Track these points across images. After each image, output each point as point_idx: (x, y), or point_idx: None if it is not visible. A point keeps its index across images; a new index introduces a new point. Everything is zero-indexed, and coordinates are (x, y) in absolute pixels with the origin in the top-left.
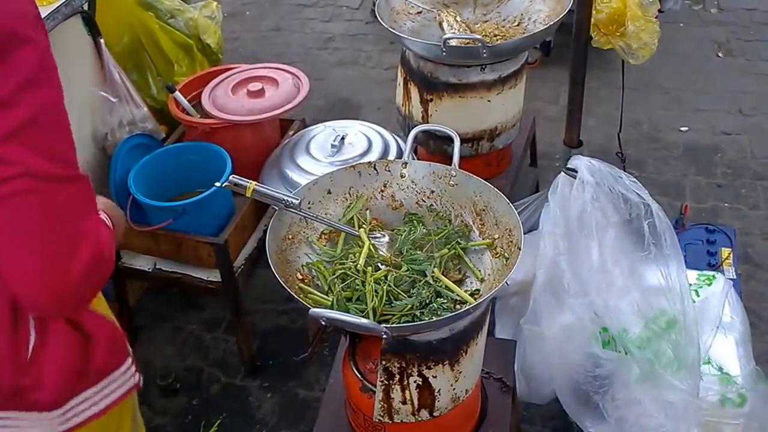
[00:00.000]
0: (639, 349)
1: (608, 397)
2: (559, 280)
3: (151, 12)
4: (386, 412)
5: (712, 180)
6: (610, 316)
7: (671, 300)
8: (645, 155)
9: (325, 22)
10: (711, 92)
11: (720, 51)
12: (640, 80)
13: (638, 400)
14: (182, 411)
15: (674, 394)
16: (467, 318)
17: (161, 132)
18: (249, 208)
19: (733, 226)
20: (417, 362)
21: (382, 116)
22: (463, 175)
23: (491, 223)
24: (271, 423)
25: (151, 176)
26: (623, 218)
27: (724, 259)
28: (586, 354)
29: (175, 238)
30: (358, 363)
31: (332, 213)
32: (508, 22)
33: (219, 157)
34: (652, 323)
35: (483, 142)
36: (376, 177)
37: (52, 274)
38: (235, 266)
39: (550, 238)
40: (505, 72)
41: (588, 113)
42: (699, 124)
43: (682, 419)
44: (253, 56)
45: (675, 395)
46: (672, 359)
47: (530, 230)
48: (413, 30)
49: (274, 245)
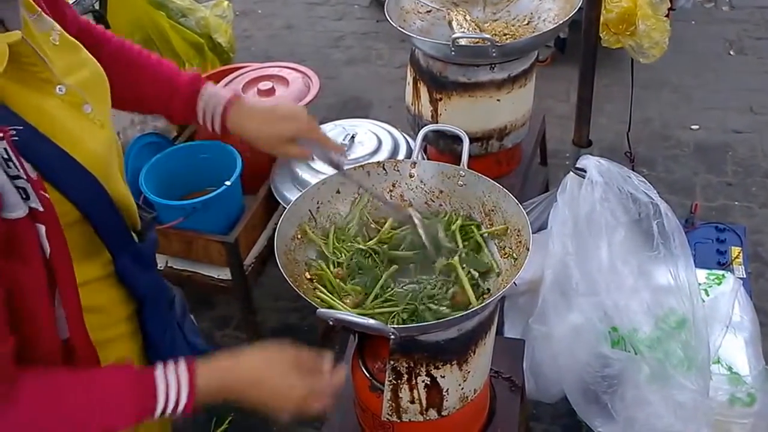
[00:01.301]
0: (649, 348)
1: (617, 397)
2: (567, 280)
3: (163, 11)
4: (395, 412)
5: (722, 178)
6: (619, 315)
7: (681, 300)
8: (655, 153)
9: (336, 21)
10: (722, 90)
11: (732, 49)
12: (651, 78)
13: (648, 400)
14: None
15: (684, 394)
16: (475, 318)
17: (172, 131)
18: (259, 206)
19: (744, 224)
20: (425, 362)
21: (392, 114)
22: (472, 175)
23: (500, 223)
24: (281, 420)
25: (162, 175)
26: (632, 218)
27: (733, 258)
28: (595, 353)
29: (186, 236)
30: (366, 362)
31: (341, 212)
32: (518, 21)
33: (229, 156)
34: (662, 323)
35: (492, 141)
36: (385, 177)
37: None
38: (246, 264)
39: (559, 238)
40: (514, 71)
41: (599, 111)
42: (710, 123)
43: (692, 419)
44: (264, 54)
45: (685, 395)
46: (682, 359)
47: (539, 230)
48: (423, 29)
49: (282, 245)
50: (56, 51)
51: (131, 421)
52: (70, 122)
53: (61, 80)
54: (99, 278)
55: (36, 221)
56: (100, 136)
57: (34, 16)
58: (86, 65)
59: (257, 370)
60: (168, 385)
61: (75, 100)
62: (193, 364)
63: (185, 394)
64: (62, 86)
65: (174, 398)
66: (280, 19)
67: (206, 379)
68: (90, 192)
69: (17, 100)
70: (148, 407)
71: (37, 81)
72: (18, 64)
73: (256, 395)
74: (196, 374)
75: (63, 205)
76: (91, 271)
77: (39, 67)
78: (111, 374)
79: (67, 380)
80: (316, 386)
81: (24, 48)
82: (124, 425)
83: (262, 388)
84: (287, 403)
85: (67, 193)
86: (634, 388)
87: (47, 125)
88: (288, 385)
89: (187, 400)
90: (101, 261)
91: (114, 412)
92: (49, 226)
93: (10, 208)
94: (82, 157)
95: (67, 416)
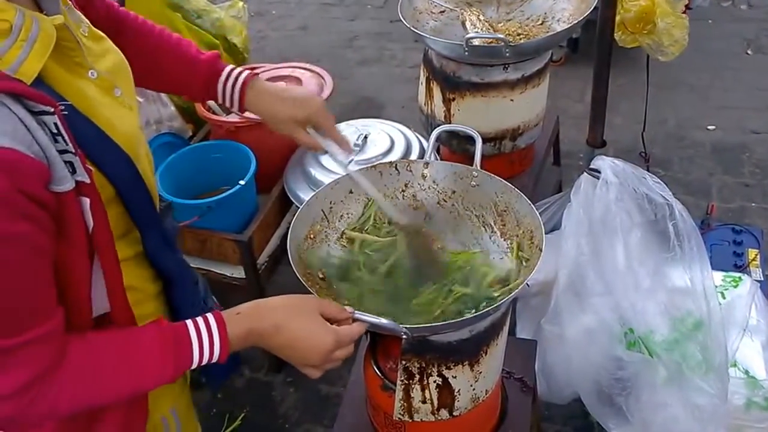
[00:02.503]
0: (666, 351)
1: (632, 399)
2: (581, 281)
3: (179, 12)
4: (406, 411)
5: (739, 179)
6: (636, 317)
7: (697, 302)
8: (671, 154)
9: (350, 21)
10: (739, 90)
11: (749, 48)
12: (667, 78)
13: (665, 403)
14: (207, 404)
15: (702, 398)
16: (488, 319)
17: (188, 131)
18: (272, 206)
19: (761, 226)
20: (437, 362)
21: (405, 114)
22: (485, 175)
23: (513, 224)
24: (294, 417)
25: (178, 174)
26: (648, 219)
27: (750, 261)
28: (611, 356)
29: (201, 235)
30: (378, 361)
31: (353, 213)
32: (532, 21)
33: (244, 156)
34: (679, 324)
35: (506, 142)
36: (397, 177)
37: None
38: (259, 263)
39: (574, 239)
40: (528, 71)
41: (614, 111)
42: (727, 123)
43: (710, 422)
44: (279, 55)
45: (703, 398)
46: (700, 361)
47: (552, 230)
48: (436, 29)
49: (295, 245)
50: (87, 40)
51: (169, 374)
52: (104, 104)
53: (92, 66)
54: (129, 258)
55: (81, 194)
56: (130, 117)
57: (66, 7)
58: (110, 54)
59: (281, 316)
60: (201, 338)
61: (106, 84)
62: (220, 314)
63: (218, 344)
64: (94, 71)
65: (208, 349)
66: (295, 20)
67: (234, 328)
68: (125, 170)
69: (60, 81)
70: (184, 360)
71: (74, 65)
72: (58, 47)
73: (281, 342)
74: (225, 324)
75: (100, 181)
76: (123, 250)
77: (76, 52)
78: (146, 331)
79: (105, 340)
80: (340, 333)
81: (65, 33)
82: (163, 379)
83: (287, 333)
84: (312, 351)
85: (104, 170)
86: (650, 391)
87: (86, 106)
88: (312, 330)
89: (220, 350)
90: (131, 239)
91: (152, 367)
92: (93, 199)
93: (59, 182)
94: (117, 137)
95: (109, 375)
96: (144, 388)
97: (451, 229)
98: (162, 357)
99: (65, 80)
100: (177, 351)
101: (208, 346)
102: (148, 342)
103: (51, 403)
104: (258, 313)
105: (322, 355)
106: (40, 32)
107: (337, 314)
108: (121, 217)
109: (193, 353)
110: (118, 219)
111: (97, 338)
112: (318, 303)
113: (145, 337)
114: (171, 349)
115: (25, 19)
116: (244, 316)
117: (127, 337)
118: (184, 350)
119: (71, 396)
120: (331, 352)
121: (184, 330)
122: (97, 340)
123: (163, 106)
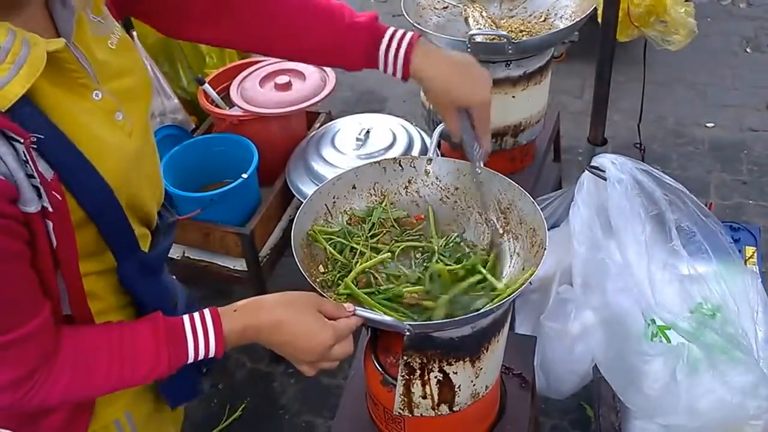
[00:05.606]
0: (695, 337)
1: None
2: (595, 278)
3: None
4: (406, 406)
5: (737, 177)
6: (654, 308)
7: (712, 290)
8: (669, 151)
9: None
10: (738, 88)
11: (748, 46)
12: (666, 75)
13: (709, 389)
14: (208, 395)
15: (745, 375)
16: (490, 316)
17: (191, 123)
18: (275, 199)
19: (758, 223)
20: (438, 358)
21: (407, 109)
22: (488, 172)
23: (515, 221)
24: (294, 408)
25: (181, 167)
26: (657, 211)
27: (748, 258)
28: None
29: (203, 227)
30: (379, 356)
31: (357, 207)
32: (534, 18)
33: (246, 149)
34: (699, 311)
35: (507, 138)
36: (401, 173)
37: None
38: (261, 256)
39: (580, 237)
40: (530, 68)
41: (613, 108)
42: (725, 120)
43: (752, 397)
44: None
45: (746, 376)
46: (730, 339)
47: (552, 227)
48: (439, 25)
49: (299, 240)
50: (111, 54)
51: (163, 368)
52: (99, 128)
53: (99, 87)
54: (100, 271)
55: (46, 218)
56: (126, 144)
57: (98, 18)
58: (134, 73)
59: (280, 313)
60: (195, 332)
61: (109, 107)
62: (216, 310)
63: (213, 339)
64: (99, 92)
65: (203, 344)
66: None
67: (230, 324)
68: (102, 202)
69: (51, 102)
70: (179, 354)
71: (76, 86)
72: (59, 69)
73: (279, 338)
74: (221, 319)
75: (72, 204)
76: (93, 265)
77: (80, 74)
78: (141, 325)
79: (99, 333)
80: (337, 327)
81: (67, 55)
82: (156, 373)
83: (284, 330)
84: (311, 347)
85: (77, 197)
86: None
87: (75, 130)
88: (309, 328)
89: (216, 346)
90: (105, 258)
91: (146, 361)
92: (57, 224)
93: (26, 203)
94: (102, 166)
95: (102, 368)
96: (137, 381)
97: (455, 226)
98: (156, 351)
99: (59, 102)
100: (171, 345)
101: (203, 341)
102: (142, 335)
103: (44, 395)
104: (255, 310)
105: (320, 351)
106: (30, 56)
107: (336, 312)
108: (96, 238)
109: (188, 348)
110: (90, 240)
111: (91, 331)
112: (317, 300)
113: (140, 331)
114: (165, 343)
115: (15, 41)
116: (240, 313)
117: (121, 330)
118: (179, 345)
119: (64, 388)
120: (329, 348)
121: (179, 325)
122: (91, 333)
123: (167, 98)
